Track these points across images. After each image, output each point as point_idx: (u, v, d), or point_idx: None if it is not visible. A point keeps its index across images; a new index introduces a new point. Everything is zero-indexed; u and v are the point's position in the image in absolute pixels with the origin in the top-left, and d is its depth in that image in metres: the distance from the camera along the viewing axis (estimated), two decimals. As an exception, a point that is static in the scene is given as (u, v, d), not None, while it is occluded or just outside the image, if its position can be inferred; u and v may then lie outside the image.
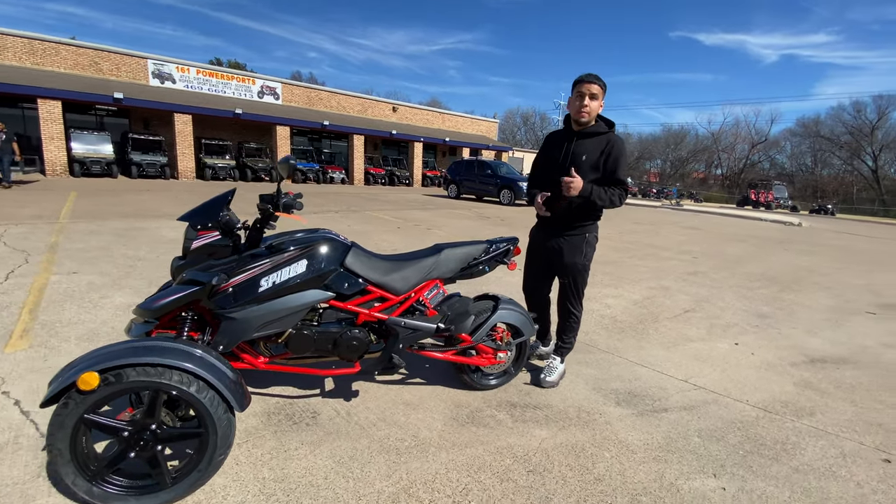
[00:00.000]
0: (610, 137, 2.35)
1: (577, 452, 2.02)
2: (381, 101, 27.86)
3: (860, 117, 42.69)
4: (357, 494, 1.67)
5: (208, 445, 1.53)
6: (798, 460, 2.06)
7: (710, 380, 2.88)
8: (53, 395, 1.37)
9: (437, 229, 8.87)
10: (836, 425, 2.40)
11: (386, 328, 2.17)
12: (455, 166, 18.10)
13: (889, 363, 3.35)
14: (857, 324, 4.36)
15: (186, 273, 1.82)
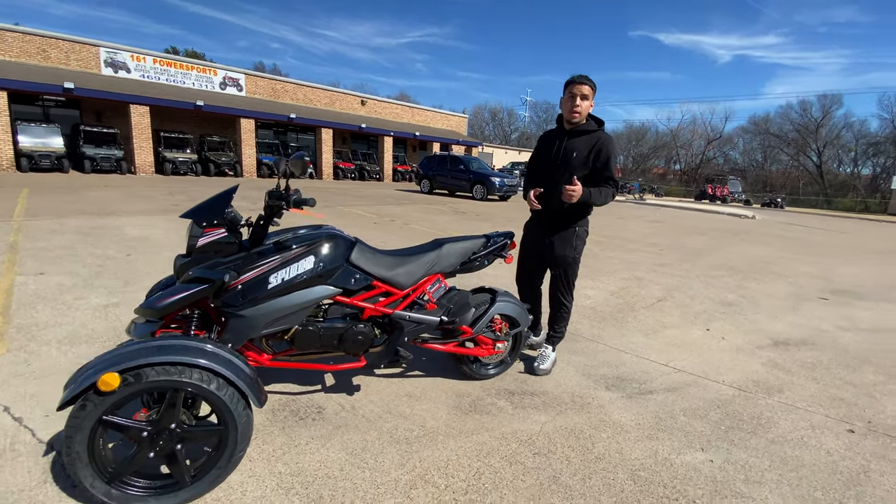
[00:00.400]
0: (600, 135, 2.46)
1: (576, 434, 2.14)
2: (350, 94, 27.41)
3: (806, 115, 45.63)
4: (374, 483, 1.71)
5: (228, 442, 1.53)
6: (773, 433, 2.25)
7: (688, 363, 3.08)
8: (73, 398, 1.34)
9: (414, 224, 8.88)
10: (803, 400, 2.63)
11: (391, 322, 2.21)
12: (427, 161, 18.08)
13: (844, 344, 3.67)
14: (812, 309, 4.73)
15: (193, 271, 1.79)
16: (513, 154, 39.53)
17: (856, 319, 4.41)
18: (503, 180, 15.62)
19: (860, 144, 44.90)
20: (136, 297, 3.58)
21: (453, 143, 30.90)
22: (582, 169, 2.45)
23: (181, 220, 1.93)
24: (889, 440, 2.24)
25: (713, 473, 1.90)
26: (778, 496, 1.78)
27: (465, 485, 1.74)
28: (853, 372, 3.09)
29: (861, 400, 2.67)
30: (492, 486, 1.73)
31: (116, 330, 2.93)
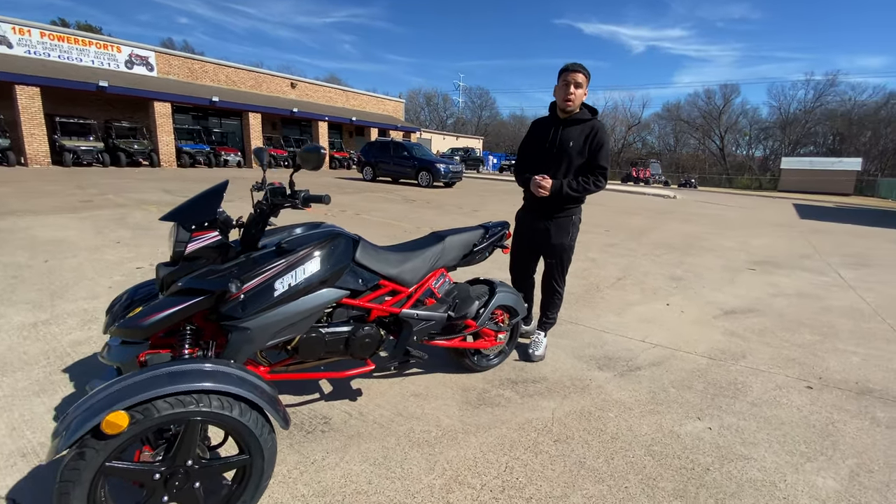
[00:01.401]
0: (594, 125, 2.49)
1: (586, 417, 2.20)
2: (278, 76, 25.69)
3: (710, 103, 50.40)
4: (409, 493, 1.63)
5: (253, 472, 1.37)
6: (750, 396, 2.48)
7: (661, 338, 3.29)
8: (70, 445, 1.11)
9: (366, 214, 8.60)
10: (764, 363, 2.92)
11: (398, 322, 2.10)
12: (369, 147, 17.55)
13: (780, 309, 4.13)
14: (744, 279, 5.27)
15: (183, 281, 1.56)
16: (451, 140, 39.62)
17: (781, 286, 4.98)
18: (448, 167, 15.59)
19: (753, 129, 50.60)
20: (71, 310, 3.11)
21: (391, 129, 30.26)
22: (578, 158, 2.48)
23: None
24: (841, 392, 2.56)
25: (714, 440, 2.05)
26: (773, 454, 1.96)
27: (500, 481, 1.71)
28: (794, 334, 3.49)
29: (808, 359, 3.02)
30: (525, 480, 1.73)
31: (56, 352, 2.52)
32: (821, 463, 1.91)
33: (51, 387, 2.18)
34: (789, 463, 1.90)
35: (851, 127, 44.07)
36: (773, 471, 1.85)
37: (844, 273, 5.81)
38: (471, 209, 10.47)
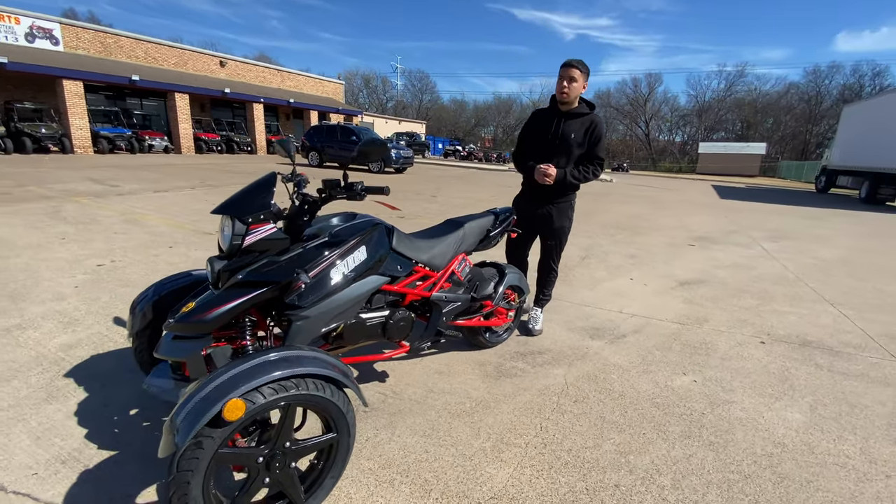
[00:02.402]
0: (593, 118, 2.71)
1: (594, 379, 2.47)
2: (205, 54, 23.74)
3: (637, 91, 53.74)
4: (464, 456, 1.79)
5: (340, 449, 1.46)
6: (720, 353, 2.89)
7: (635, 308, 3.68)
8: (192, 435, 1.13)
9: (326, 202, 8.40)
10: (723, 325, 3.38)
11: (428, 305, 2.22)
12: (314, 132, 16.91)
13: (722, 278, 4.72)
14: (688, 254, 5.91)
15: (243, 274, 1.57)
16: (393, 124, 39.01)
17: (718, 259, 5.66)
18: (399, 152, 15.48)
19: (674, 116, 54.84)
20: (42, 313, 2.88)
21: (332, 112, 29.24)
22: (579, 149, 2.70)
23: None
24: (787, 345, 3.06)
25: (701, 390, 2.41)
26: (749, 397, 2.35)
27: (540, 439, 1.93)
28: (739, 299, 4.04)
29: (755, 319, 3.54)
30: (561, 436, 1.96)
31: (48, 358, 2.36)
32: (786, 401, 2.32)
33: (59, 393, 2.07)
34: (763, 403, 2.30)
35: (757, 115, 49.30)
36: (752, 410, 2.23)
37: (766, 245, 6.70)
38: (429, 195, 10.57)
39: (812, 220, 10.29)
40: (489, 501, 1.57)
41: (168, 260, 4.16)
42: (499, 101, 64.74)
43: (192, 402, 1.18)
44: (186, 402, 1.18)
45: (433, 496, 1.58)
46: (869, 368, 2.74)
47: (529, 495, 1.60)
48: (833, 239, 7.69)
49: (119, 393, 2.10)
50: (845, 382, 2.55)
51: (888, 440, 2.02)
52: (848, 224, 9.86)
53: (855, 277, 5.05)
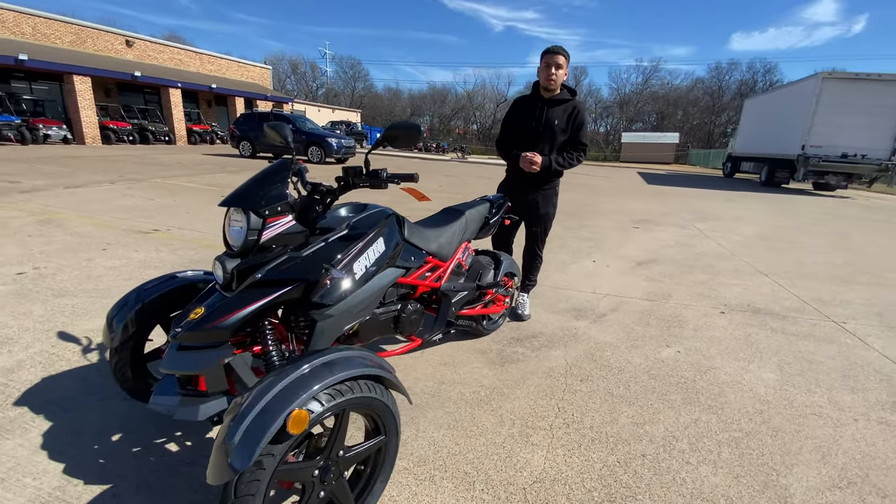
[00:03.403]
0: (575, 104, 2.77)
1: (591, 358, 2.57)
2: (108, 31, 21.07)
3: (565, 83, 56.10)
4: (495, 444, 1.78)
5: (389, 450, 1.38)
6: (690, 324, 3.14)
7: (607, 289, 3.88)
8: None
9: (271, 195, 7.89)
10: (686, 299, 3.67)
11: (436, 296, 2.17)
12: (245, 120, 15.75)
13: (671, 257, 5.12)
14: (635, 235, 6.33)
15: (262, 273, 1.42)
16: (326, 112, 37.46)
17: (663, 240, 6.12)
18: (340, 141, 14.92)
19: (598, 108, 58.10)
20: (-29, 332, 2.43)
21: (259, 99, 27.42)
22: (562, 135, 2.74)
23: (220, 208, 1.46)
24: (743, 313, 3.39)
25: (686, 359, 2.60)
26: (727, 362, 2.57)
27: (561, 420, 1.97)
28: (691, 275, 4.41)
29: (710, 292, 3.89)
30: (579, 414, 2.01)
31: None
32: (758, 363, 2.58)
33: (13, 425, 1.75)
34: (740, 366, 2.53)
35: (669, 107, 53.72)
36: (733, 373, 2.45)
37: (699, 226, 7.36)
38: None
39: (727, 201, 11.46)
40: (534, 486, 1.57)
41: (106, 264, 3.68)
42: (434, 91, 64.57)
43: (248, 418, 1.04)
44: (240, 420, 1.04)
45: (477, 487, 1.56)
46: (812, 329, 3.13)
47: (569, 475, 1.63)
48: (748, 218, 8.63)
49: (90, 418, 1.82)
50: (798, 343, 2.89)
51: (846, 389, 2.32)
52: (756, 204, 11.11)
53: (776, 251, 5.72)
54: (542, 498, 1.52)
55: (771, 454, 1.79)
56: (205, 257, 3.98)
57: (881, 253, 5.96)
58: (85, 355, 2.28)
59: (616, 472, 1.66)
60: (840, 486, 1.62)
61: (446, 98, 63.37)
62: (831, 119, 13.49)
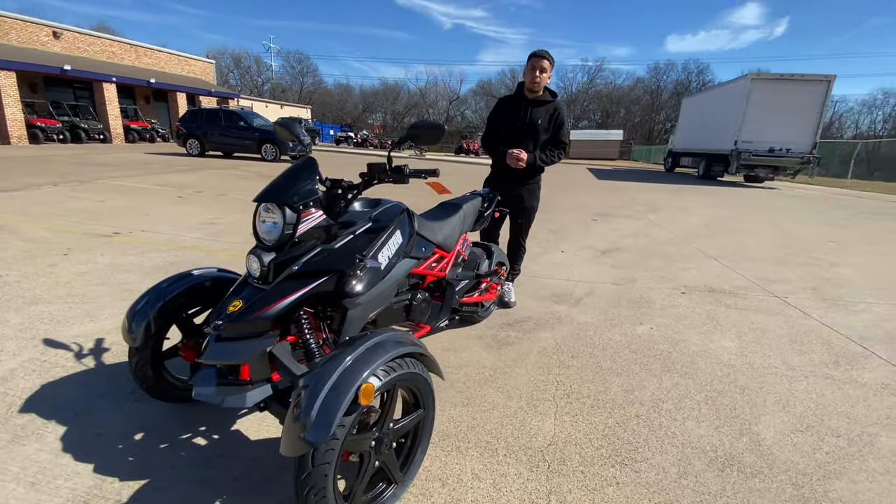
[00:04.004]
0: (556, 105, 2.98)
1: (577, 337, 2.80)
2: (31, 22, 19.23)
3: (515, 81, 57.48)
4: (508, 416, 1.95)
5: (426, 423, 1.51)
6: (657, 304, 3.47)
7: (578, 276, 4.16)
8: None
9: (233, 194, 7.65)
10: (649, 282, 4.02)
11: (441, 285, 2.30)
12: (191, 117, 14.96)
13: (630, 245, 5.52)
14: (595, 227, 6.74)
15: (299, 265, 1.50)
16: (275, 108, 36.17)
17: (621, 230, 6.57)
18: (297, 139, 14.51)
19: (548, 105, 60.07)
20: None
21: (203, 94, 26.07)
22: (545, 134, 2.95)
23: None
24: (700, 293, 3.77)
25: (660, 334, 2.89)
26: (694, 335, 2.89)
27: (562, 392, 2.17)
28: (651, 261, 4.81)
29: (670, 276, 4.28)
30: (577, 386, 2.23)
31: None
32: (720, 334, 2.92)
33: (25, 432, 1.71)
34: (705, 338, 2.86)
35: (613, 105, 56.48)
36: (700, 343, 2.77)
37: (650, 217, 7.93)
38: (342, 183, 10.21)
39: (671, 194, 12.34)
40: (549, 448, 1.76)
41: (71, 269, 3.50)
42: (386, 87, 64.01)
43: (322, 394, 1.13)
44: (312, 396, 1.13)
45: (500, 452, 1.72)
46: (760, 304, 3.55)
47: (577, 436, 1.83)
48: (692, 209, 9.37)
49: (106, 420, 1.81)
50: (751, 316, 3.28)
51: (795, 352, 2.70)
52: (697, 196, 12.05)
53: (720, 237, 6.31)
54: (557, 458, 1.71)
55: (742, 408, 2.08)
56: (180, 259, 3.87)
57: (808, 236, 6.73)
58: (80, 360, 2.22)
59: (617, 432, 1.87)
60: (801, 430, 1.93)
61: (399, 95, 63.03)
62: (760, 117, 14.83)
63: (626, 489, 1.56)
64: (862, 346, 2.81)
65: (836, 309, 3.49)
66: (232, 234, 4.86)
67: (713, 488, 1.58)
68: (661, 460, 1.71)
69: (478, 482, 1.57)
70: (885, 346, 2.83)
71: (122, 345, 2.36)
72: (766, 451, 1.78)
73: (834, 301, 3.68)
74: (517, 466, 1.65)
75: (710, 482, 1.61)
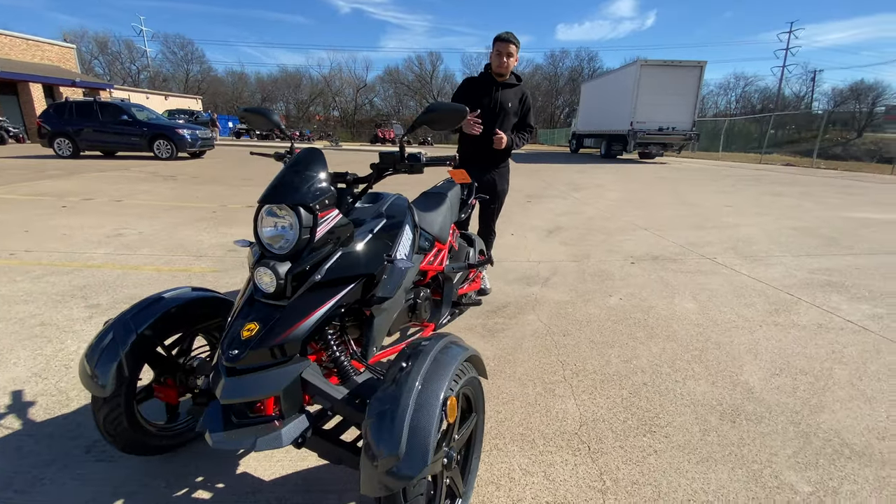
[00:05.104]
0: (523, 89, 2.95)
1: (560, 315, 2.88)
2: None
3: (422, 69, 57.27)
4: (530, 404, 1.93)
5: (479, 427, 1.42)
6: (616, 276, 3.69)
7: (537, 256, 4.28)
8: None
9: (131, 199, 6.63)
10: (601, 256, 4.27)
11: (441, 278, 2.19)
12: (57, 112, 12.60)
13: (570, 223, 5.83)
14: (532, 209, 7.00)
15: (322, 273, 1.30)
16: (157, 99, 32.05)
17: (555, 210, 6.90)
18: (195, 132, 13.01)
19: (455, 92, 60.90)
20: None
21: (65, 85, 22.17)
22: (514, 117, 2.92)
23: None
24: (647, 262, 4.09)
25: (630, 303, 3.08)
26: (658, 300, 3.12)
27: (569, 371, 2.20)
28: (594, 237, 5.11)
29: (615, 248, 4.57)
30: (580, 363, 2.27)
31: None
32: (679, 297, 3.19)
33: None
34: (668, 302, 3.10)
35: (515, 91, 58.95)
36: (665, 307, 2.99)
37: (575, 195, 8.44)
38: (265, 180, 9.39)
39: (583, 173, 13.26)
40: (582, 429, 1.77)
41: (-56, 307, 2.77)
42: (286, 75, 59.81)
43: (406, 417, 0.99)
44: (394, 422, 0.98)
45: (539, 443, 1.69)
46: (698, 266, 3.95)
47: (601, 413, 1.87)
48: (607, 185, 10.17)
49: (66, 493, 1.45)
50: (696, 277, 3.63)
51: (743, 305, 3.04)
52: (606, 174, 13.10)
53: (640, 209, 6.91)
54: (593, 437, 1.72)
55: (724, 361, 2.29)
56: (93, 280, 3.25)
57: (708, 203, 7.65)
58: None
59: (634, 402, 1.95)
60: (777, 374, 2.18)
61: (301, 83, 59.42)
62: (650, 99, 16.47)
63: (666, 455, 1.62)
64: (788, 293, 3.27)
65: (756, 264, 4.01)
66: (149, 246, 4.21)
67: (734, 438, 1.71)
68: (682, 421, 1.81)
69: (529, 477, 1.52)
70: (805, 291, 3.31)
71: (48, 395, 1.91)
72: (759, 398, 1.98)
73: (752, 257, 4.23)
74: (560, 453, 1.63)
75: (728, 434, 1.74)
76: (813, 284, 3.46)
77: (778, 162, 19.97)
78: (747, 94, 55.61)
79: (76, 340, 2.39)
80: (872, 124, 29.55)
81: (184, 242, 4.39)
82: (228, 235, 4.74)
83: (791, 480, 1.50)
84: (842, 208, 7.32)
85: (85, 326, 2.55)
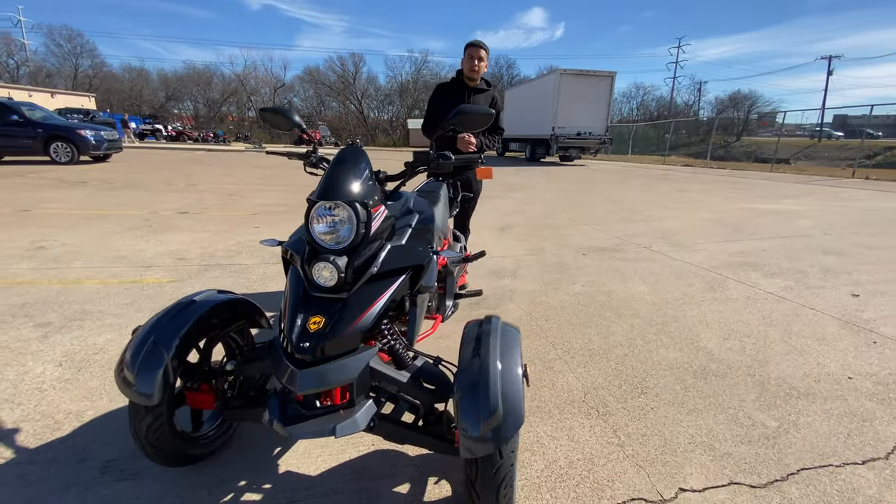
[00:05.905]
0: (493, 93, 3.15)
1: (537, 304, 3.12)
2: None
3: (345, 69, 56.04)
4: (535, 380, 2.12)
5: (520, 396, 1.57)
6: (573, 266, 4.04)
7: (499, 252, 4.52)
8: None
9: (42, 208, 5.84)
10: (554, 249, 4.63)
11: (443, 272, 2.30)
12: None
13: (518, 221, 6.19)
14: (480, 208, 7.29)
15: (378, 266, 1.38)
16: (42, 97, 28.01)
17: (503, 209, 7.25)
18: (100, 133, 11.63)
19: (380, 95, 60.40)
20: None
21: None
22: None
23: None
24: (595, 252, 4.52)
25: (592, 289, 3.41)
26: (614, 286, 3.50)
27: (562, 350, 2.43)
28: (544, 232, 5.50)
29: (566, 241, 4.98)
30: (568, 342, 2.52)
31: None
32: (632, 282, 3.60)
33: None
34: (624, 286, 3.49)
35: (440, 95, 59.89)
36: (624, 291, 3.37)
37: (514, 195, 8.92)
38: (187, 183, 8.70)
39: (514, 175, 13.98)
40: (587, 397, 1.99)
41: None
42: (195, 73, 55.16)
43: (497, 384, 1.11)
44: (487, 390, 1.10)
45: (555, 413, 1.88)
46: (638, 254, 4.45)
47: (599, 382, 2.12)
48: (540, 185, 10.85)
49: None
50: (639, 264, 4.11)
51: (684, 285, 3.52)
52: (534, 175, 13.93)
53: (576, 207, 7.52)
54: (598, 402, 1.96)
55: (683, 331, 2.67)
56: (31, 298, 2.90)
57: (630, 200, 8.51)
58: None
59: (623, 371, 2.23)
60: (727, 338, 2.59)
61: (211, 81, 55.19)
62: (569, 105, 17.79)
63: (661, 411, 1.90)
64: (717, 273, 3.83)
65: (685, 251, 4.62)
66: (82, 258, 3.80)
67: (709, 391, 2.04)
68: (666, 382, 2.12)
69: (556, 441, 1.71)
70: (729, 271, 3.91)
71: (31, 420, 1.74)
72: (719, 358, 2.36)
73: (680, 245, 4.85)
74: (577, 419, 1.84)
75: (704, 388, 2.07)
76: (734, 265, 4.09)
77: (678, 163, 22.60)
78: (646, 102, 61.82)
79: (38, 362, 2.15)
80: (748, 129, 34.57)
81: (122, 253, 4.01)
82: (173, 243, 4.40)
83: (761, 419, 1.84)
84: (738, 201, 8.57)
85: (42, 346, 2.29)
